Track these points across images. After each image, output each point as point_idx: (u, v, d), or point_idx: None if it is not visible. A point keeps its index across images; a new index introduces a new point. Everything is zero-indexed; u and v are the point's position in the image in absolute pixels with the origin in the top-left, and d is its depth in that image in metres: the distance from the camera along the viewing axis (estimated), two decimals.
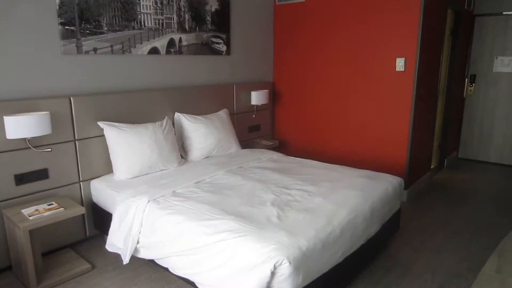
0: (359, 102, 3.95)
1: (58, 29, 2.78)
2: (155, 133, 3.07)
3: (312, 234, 1.93)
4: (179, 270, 2.18)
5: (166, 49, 3.51)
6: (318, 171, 2.95)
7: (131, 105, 3.17)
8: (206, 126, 3.47)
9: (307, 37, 4.25)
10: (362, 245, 2.30)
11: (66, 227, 2.88)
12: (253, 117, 4.39)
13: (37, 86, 2.74)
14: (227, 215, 2.15)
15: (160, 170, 3.06)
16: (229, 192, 2.55)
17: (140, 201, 2.43)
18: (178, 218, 2.21)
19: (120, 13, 3.12)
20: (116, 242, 2.50)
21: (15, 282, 2.54)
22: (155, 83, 3.48)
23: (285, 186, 2.62)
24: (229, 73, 4.17)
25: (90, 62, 3.00)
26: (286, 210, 2.21)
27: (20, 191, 2.64)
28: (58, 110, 2.74)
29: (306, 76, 4.36)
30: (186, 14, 3.61)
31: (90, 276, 2.58)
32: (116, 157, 2.91)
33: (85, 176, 2.95)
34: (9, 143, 2.53)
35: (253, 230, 1.96)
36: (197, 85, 3.84)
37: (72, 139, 2.85)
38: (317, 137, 4.39)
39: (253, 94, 4.21)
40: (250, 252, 1.82)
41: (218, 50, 4.00)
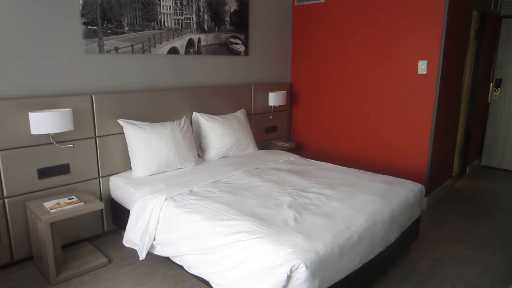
0: (379, 105, 3.90)
1: (81, 29, 2.84)
2: (173, 132, 3.09)
3: (330, 239, 1.91)
4: (194, 269, 2.19)
5: (185, 49, 3.53)
6: (335, 175, 2.92)
7: (150, 103, 3.21)
8: (223, 126, 3.48)
9: (326, 38, 4.22)
10: (380, 252, 2.27)
11: (85, 221, 2.93)
12: (270, 118, 4.38)
13: (61, 83, 2.80)
14: (243, 216, 2.15)
15: (177, 168, 3.09)
16: (245, 192, 2.54)
17: (158, 198, 2.45)
18: (195, 217, 2.22)
19: (140, 13, 3.16)
20: (133, 238, 2.53)
21: (35, 272, 2.60)
22: (174, 83, 3.51)
23: (302, 189, 2.60)
24: (247, 74, 4.18)
25: (111, 61, 3.05)
26: (303, 213, 2.19)
27: (43, 184, 2.70)
28: (80, 107, 2.79)
29: (324, 77, 4.33)
30: (205, 14, 3.63)
31: (107, 270, 2.62)
32: (134, 154, 2.94)
33: (104, 172, 2.99)
34: (33, 138, 2.60)
35: (270, 232, 1.95)
36: (215, 85, 3.86)
37: (92, 136, 2.90)
38: (335, 140, 4.35)
39: (270, 95, 4.21)
40: (266, 254, 1.81)
41: (236, 51, 4.00)
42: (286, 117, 4.63)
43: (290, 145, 4.36)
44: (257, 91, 4.16)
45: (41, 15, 2.63)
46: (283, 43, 4.51)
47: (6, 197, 2.56)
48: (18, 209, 2.61)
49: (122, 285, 2.45)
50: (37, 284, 2.46)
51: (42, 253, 2.49)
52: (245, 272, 1.88)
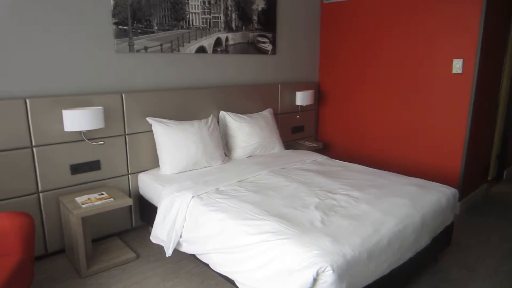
0: (411, 106, 3.78)
1: (112, 29, 2.90)
2: (200, 130, 3.12)
3: (358, 242, 1.87)
4: (219, 267, 2.19)
5: (213, 48, 3.55)
6: (364, 177, 2.85)
7: (178, 102, 3.25)
8: (250, 125, 3.47)
9: (355, 36, 4.13)
10: (410, 258, 2.20)
11: (114, 217, 3.00)
12: (297, 118, 4.35)
13: (92, 82, 2.88)
14: (269, 216, 2.14)
15: (204, 167, 3.11)
16: (272, 192, 2.53)
17: (184, 196, 2.47)
18: (221, 216, 2.22)
19: (169, 13, 3.19)
20: (160, 235, 2.56)
21: (67, 265, 2.68)
22: (201, 81, 3.54)
23: (330, 190, 2.56)
24: (274, 73, 4.15)
25: (141, 60, 3.11)
26: (330, 215, 2.15)
27: (75, 180, 2.78)
28: (110, 106, 2.86)
29: (353, 76, 4.24)
30: (233, 13, 3.64)
31: (135, 265, 2.68)
32: (162, 152, 2.98)
33: (133, 169, 3.05)
34: (66, 135, 2.68)
35: (296, 233, 1.93)
36: (243, 84, 3.86)
37: (122, 134, 2.97)
38: (363, 140, 4.26)
39: (298, 94, 4.17)
40: (292, 255, 1.79)
41: (264, 50, 3.99)
42: (313, 116, 4.58)
43: (317, 145, 4.30)
44: (284, 90, 4.13)
45: (75, 16, 2.71)
46: (311, 42, 4.45)
47: (40, 192, 2.65)
48: (52, 204, 2.71)
49: (149, 280, 2.50)
50: (68, 276, 2.54)
51: (73, 246, 2.57)
52: (270, 273, 1.87)
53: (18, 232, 1.99)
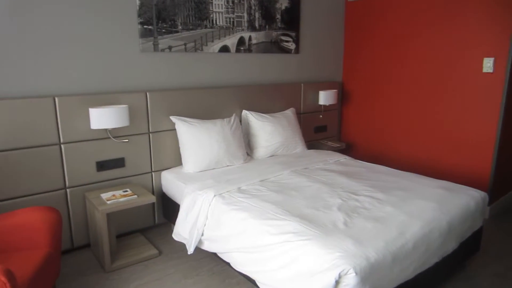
0: (438, 106, 3.68)
1: (137, 29, 2.95)
2: (223, 129, 3.13)
3: (382, 245, 1.83)
4: (240, 266, 2.19)
5: (236, 47, 3.56)
6: (388, 178, 2.79)
7: (201, 101, 3.27)
8: (272, 125, 3.46)
9: (380, 35, 4.05)
10: (436, 263, 2.13)
11: (138, 213, 3.05)
12: (320, 118, 4.30)
13: (118, 81, 2.93)
14: (291, 216, 2.12)
15: (226, 165, 3.12)
16: (294, 193, 2.51)
17: (207, 194, 2.49)
18: (242, 215, 2.22)
19: (193, 13, 3.22)
20: (182, 232, 2.59)
21: (92, 259, 2.75)
22: (224, 81, 3.55)
23: (353, 191, 2.52)
24: (297, 72, 4.12)
25: (165, 59, 3.14)
26: (353, 217, 2.12)
27: (100, 177, 2.84)
28: (135, 104, 2.91)
29: (378, 76, 4.16)
30: (256, 12, 3.63)
31: (157, 262, 2.71)
32: (185, 150, 3.01)
33: (156, 167, 3.09)
34: (92, 132, 2.74)
35: (318, 234, 1.90)
36: (265, 83, 3.85)
37: (146, 132, 3.01)
38: (388, 141, 4.18)
39: (321, 93, 4.12)
40: (314, 257, 1.77)
41: (287, 49, 3.97)
42: (336, 116, 4.52)
43: (340, 146, 4.25)
44: (307, 89, 4.09)
45: (102, 17, 2.78)
46: (334, 41, 4.40)
47: (68, 187, 2.73)
48: (78, 199, 2.78)
49: (171, 277, 2.52)
50: (93, 270, 2.60)
51: (98, 241, 2.63)
52: (291, 274, 1.85)
53: (46, 226, 2.05)
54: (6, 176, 2.47)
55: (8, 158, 2.47)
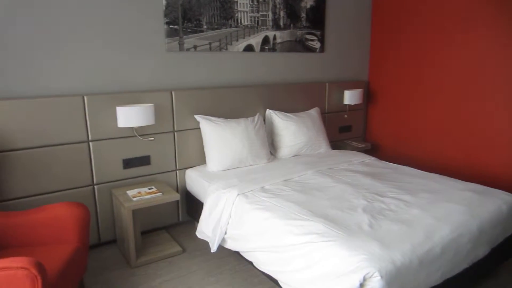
0: (468, 106, 3.55)
1: (163, 28, 2.99)
2: (247, 128, 3.13)
3: (408, 248, 1.78)
4: (263, 266, 2.19)
5: (261, 46, 3.55)
6: (415, 180, 2.72)
7: (225, 100, 3.28)
8: (296, 124, 3.44)
9: (409, 32, 3.95)
10: (465, 269, 2.06)
11: (162, 211, 3.10)
12: (345, 117, 4.24)
13: (144, 80, 2.99)
14: (315, 216, 2.10)
15: (249, 165, 3.12)
16: (317, 193, 2.48)
17: (230, 193, 2.50)
18: (266, 214, 2.22)
19: (218, 12, 3.24)
20: (205, 230, 2.61)
21: (118, 254, 2.81)
22: (248, 80, 3.55)
23: (378, 192, 2.47)
24: (322, 71, 4.08)
25: (190, 58, 3.17)
26: (379, 219, 2.07)
27: (126, 174, 2.90)
28: (161, 103, 2.95)
29: (406, 74, 4.06)
30: (281, 11, 3.61)
31: (181, 259, 2.75)
32: (209, 149, 3.03)
33: (181, 165, 3.13)
34: (119, 131, 2.80)
35: (343, 236, 1.88)
36: (290, 82, 3.83)
37: (171, 130, 3.05)
38: (415, 142, 4.07)
39: (346, 93, 4.07)
40: (338, 259, 1.75)
41: (312, 47, 3.93)
42: (361, 116, 4.45)
43: (365, 146, 4.18)
44: (332, 89, 4.05)
45: (129, 18, 2.83)
46: (360, 39, 4.32)
47: (95, 184, 2.80)
48: (105, 196, 2.84)
49: (194, 274, 2.55)
50: (119, 266, 2.66)
51: (124, 237, 2.69)
52: (314, 275, 1.83)
53: (75, 221, 2.11)
54: (37, 172, 2.56)
55: (39, 155, 2.55)
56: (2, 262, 1.53)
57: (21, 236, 2.11)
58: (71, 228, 2.11)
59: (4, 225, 2.09)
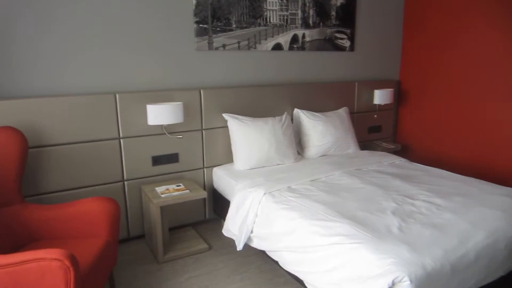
0: (508, 107, 3.39)
1: (193, 28, 3.02)
2: (274, 127, 3.12)
3: (440, 253, 1.72)
4: (289, 266, 2.18)
5: (289, 45, 3.53)
6: (448, 183, 2.63)
7: (253, 99, 3.29)
8: (324, 124, 3.40)
9: (443, 30, 3.81)
10: (501, 277, 1.97)
11: (190, 208, 3.14)
12: (375, 117, 4.15)
13: (174, 78, 3.04)
14: (343, 218, 2.07)
15: (276, 164, 3.11)
16: (345, 194, 2.44)
17: (257, 192, 2.50)
18: (292, 214, 2.20)
19: (247, 11, 3.24)
20: (231, 228, 2.62)
21: (146, 250, 2.87)
22: (277, 79, 3.54)
23: (409, 195, 2.40)
24: (352, 70, 4.01)
25: (219, 57, 3.20)
26: (409, 222, 2.02)
27: (155, 171, 2.96)
28: (189, 101, 2.99)
29: (439, 74, 3.93)
30: (310, 9, 3.58)
31: (207, 256, 2.77)
32: (236, 148, 3.05)
33: (208, 163, 3.16)
34: (149, 128, 2.86)
35: (371, 238, 1.84)
36: (318, 81, 3.79)
37: (199, 128, 3.08)
38: (448, 144, 3.93)
39: (376, 92, 3.98)
40: (366, 261, 1.71)
41: (341, 46, 3.87)
42: (392, 116, 4.34)
43: (395, 147, 4.07)
44: (361, 88, 3.97)
45: (160, 17, 2.89)
46: (392, 37, 4.22)
47: (125, 180, 2.87)
48: (134, 192, 2.91)
49: (220, 271, 2.57)
50: (147, 260, 2.71)
51: (152, 233, 2.74)
52: (341, 277, 1.80)
53: (106, 216, 2.17)
54: (71, 167, 2.65)
55: (73, 151, 2.64)
56: (38, 253, 1.59)
57: (55, 228, 2.19)
58: (102, 223, 2.17)
59: (40, 218, 2.18)
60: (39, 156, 2.54)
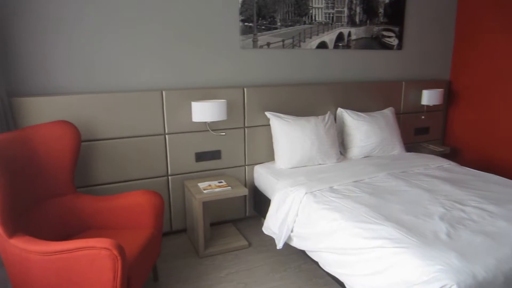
0: None
1: (238, 26, 3.05)
2: (316, 127, 3.09)
3: (492, 263, 1.63)
4: (329, 267, 2.15)
5: (334, 43, 3.47)
6: (502, 189, 2.47)
7: (296, 97, 3.27)
8: (369, 124, 3.31)
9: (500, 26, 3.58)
10: None
11: (230, 204, 3.18)
12: (422, 119, 3.99)
13: (218, 76, 3.08)
14: (386, 221, 2.01)
15: (318, 164, 3.08)
16: (389, 196, 2.37)
17: (298, 191, 2.48)
18: (334, 215, 2.17)
19: (293, 9, 3.22)
20: (272, 227, 2.62)
21: (188, 243, 2.95)
22: (320, 77, 3.50)
23: (458, 200, 2.29)
24: (399, 69, 3.88)
25: (263, 56, 3.21)
26: (458, 229, 1.92)
27: (198, 167, 3.03)
28: (233, 99, 3.02)
29: (495, 73, 3.70)
30: (357, 7, 3.49)
31: (247, 253, 2.80)
32: (278, 146, 3.04)
33: (250, 161, 3.19)
34: (194, 125, 2.93)
35: (417, 243, 1.77)
36: (363, 80, 3.70)
37: (242, 126, 3.11)
38: (502, 148, 3.70)
39: (424, 93, 3.82)
40: (412, 267, 1.65)
41: (389, 44, 3.75)
42: (441, 118, 4.15)
43: (444, 150, 3.89)
44: (408, 88, 3.83)
45: (206, 16, 2.94)
46: (443, 35, 4.03)
47: (169, 175, 2.96)
48: (178, 187, 2.99)
49: (259, 269, 2.58)
50: (188, 254, 2.78)
51: (194, 227, 2.81)
52: (384, 282, 1.75)
53: (151, 209, 2.25)
54: (119, 161, 2.77)
55: (121, 145, 2.76)
56: (88, 241, 1.68)
57: (104, 219, 2.30)
58: (148, 215, 2.25)
59: (91, 208, 2.30)
60: (90, 149, 2.67)
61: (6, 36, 2.44)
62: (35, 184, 2.13)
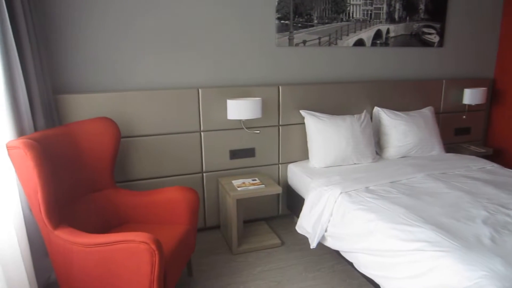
0: None
1: (275, 24, 3.05)
2: (352, 126, 3.04)
3: None
4: (364, 269, 2.11)
5: (372, 41, 3.40)
6: None
7: (331, 96, 3.23)
8: (406, 124, 3.22)
9: None
10: None
11: (264, 202, 3.19)
12: (463, 118, 3.83)
13: (253, 74, 3.10)
14: (425, 223, 1.95)
15: (353, 163, 3.03)
16: (428, 198, 2.30)
17: (332, 191, 2.45)
18: (370, 216, 2.13)
19: (330, 6, 3.18)
20: (305, 226, 2.61)
21: (221, 240, 2.98)
22: (357, 76, 3.44)
23: (503, 204, 2.18)
24: (439, 67, 3.74)
25: (298, 53, 3.19)
26: (503, 234, 1.83)
27: (232, 164, 3.06)
28: (268, 97, 3.03)
29: None
30: (397, 3, 3.40)
31: (279, 251, 2.80)
32: (313, 145, 3.02)
33: (284, 159, 3.18)
34: (228, 122, 2.96)
35: (458, 247, 1.71)
36: (401, 79, 3.60)
37: (276, 124, 3.11)
38: None
39: (466, 91, 3.67)
40: (453, 272, 1.60)
41: (429, 42, 3.62)
42: (483, 118, 3.97)
43: (486, 151, 3.72)
44: (449, 86, 3.69)
45: (242, 14, 2.96)
46: (487, 32, 3.85)
47: (204, 172, 3.00)
48: (212, 184, 3.03)
49: (292, 268, 2.58)
50: (222, 250, 2.82)
51: (227, 224, 2.84)
52: (423, 286, 1.71)
53: (187, 205, 2.30)
54: (156, 157, 2.84)
55: (158, 142, 2.83)
56: (128, 235, 1.73)
57: (141, 213, 2.37)
58: (183, 211, 2.30)
59: (129, 203, 2.37)
60: (128, 145, 2.76)
61: (50, 38, 2.56)
62: (78, 178, 2.23)
